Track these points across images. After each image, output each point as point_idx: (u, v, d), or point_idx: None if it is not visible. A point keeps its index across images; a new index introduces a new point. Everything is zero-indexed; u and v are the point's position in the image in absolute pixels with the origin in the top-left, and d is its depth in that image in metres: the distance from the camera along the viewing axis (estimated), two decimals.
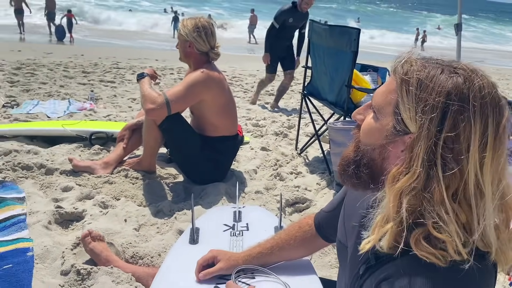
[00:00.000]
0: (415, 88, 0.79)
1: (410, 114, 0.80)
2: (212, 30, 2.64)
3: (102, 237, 2.01)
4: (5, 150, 2.96)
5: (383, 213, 0.85)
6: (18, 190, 2.49)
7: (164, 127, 2.56)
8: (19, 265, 1.87)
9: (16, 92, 6.11)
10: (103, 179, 2.69)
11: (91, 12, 21.94)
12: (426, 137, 0.78)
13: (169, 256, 1.68)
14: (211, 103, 2.63)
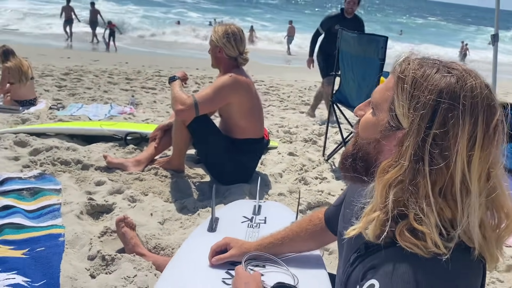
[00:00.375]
0: (410, 86, 0.84)
1: (403, 111, 0.84)
2: (241, 36, 2.75)
3: (134, 226, 2.14)
4: (47, 146, 3.18)
5: (372, 203, 0.90)
6: (55, 182, 2.67)
7: (192, 127, 2.68)
8: (50, 249, 2.02)
9: (63, 96, 6.48)
10: (134, 175, 2.83)
11: (139, 24, 22.76)
12: (415, 133, 0.82)
13: (187, 241, 1.77)
14: (238, 106, 2.72)
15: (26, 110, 5.29)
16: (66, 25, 15.97)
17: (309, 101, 7.39)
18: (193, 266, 1.56)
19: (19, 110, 5.22)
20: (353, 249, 1.02)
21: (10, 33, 16.12)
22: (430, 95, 0.81)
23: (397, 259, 0.85)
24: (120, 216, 2.12)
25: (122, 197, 2.55)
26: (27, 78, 5.62)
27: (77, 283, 1.82)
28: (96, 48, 15.42)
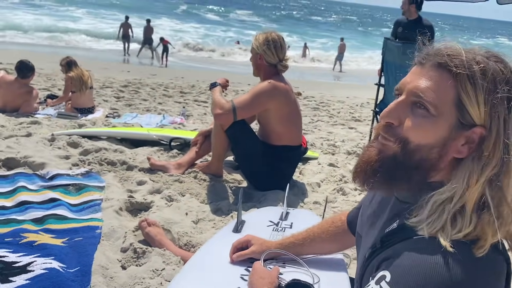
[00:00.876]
0: (480, 79, 0.82)
1: (478, 107, 0.83)
2: (281, 43, 2.78)
3: (157, 223, 2.20)
4: (96, 148, 3.35)
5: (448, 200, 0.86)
6: (100, 180, 2.81)
7: (230, 132, 2.73)
8: (87, 239, 2.11)
9: (120, 106, 6.82)
10: (174, 177, 2.92)
11: (200, 41, 23.55)
12: (501, 126, 0.83)
13: (211, 240, 1.80)
14: (275, 112, 2.75)
15: (84, 117, 5.62)
16: (124, 41, 16.93)
17: (359, 117, 7.27)
18: (214, 262, 1.58)
19: (77, 117, 5.55)
20: (370, 245, 1.00)
21: (77, 48, 17.24)
22: (506, 85, 0.82)
23: (413, 251, 0.83)
24: (141, 219, 2.22)
25: (161, 197, 2.63)
26: (86, 87, 5.98)
27: (108, 272, 1.89)
28: (152, 63, 16.09)
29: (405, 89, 0.90)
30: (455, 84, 0.84)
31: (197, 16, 36.78)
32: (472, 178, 0.83)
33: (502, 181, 0.83)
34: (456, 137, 0.85)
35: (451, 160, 0.88)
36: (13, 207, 2.41)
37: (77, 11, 28.79)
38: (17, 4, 28.92)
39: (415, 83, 0.88)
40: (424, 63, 0.88)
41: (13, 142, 3.37)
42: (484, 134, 0.84)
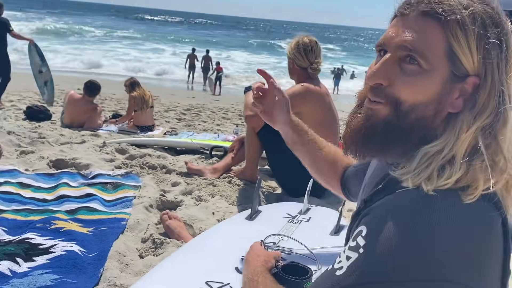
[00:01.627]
0: (472, 25, 0.75)
1: (471, 55, 0.76)
2: (312, 47, 2.74)
3: (178, 217, 2.20)
4: (141, 154, 3.48)
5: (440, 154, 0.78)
6: (137, 180, 2.89)
7: (262, 134, 2.71)
8: (111, 229, 2.16)
9: (180, 126, 7.07)
10: (208, 181, 2.93)
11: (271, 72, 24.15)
12: (495, 72, 0.76)
13: (221, 223, 1.77)
14: (308, 116, 2.68)
15: (143, 134, 5.89)
16: (190, 70, 17.94)
17: None
18: (217, 242, 1.55)
19: (137, 134, 5.83)
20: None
21: (149, 78, 18.34)
22: (496, 28, 0.76)
23: (391, 201, 0.77)
24: (163, 211, 2.25)
25: (191, 197, 2.64)
26: (148, 106, 6.28)
27: (124, 259, 1.91)
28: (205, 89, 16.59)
29: (390, 45, 0.81)
30: (444, 33, 0.76)
31: (270, 48, 37.70)
32: (463, 127, 0.76)
33: (497, 130, 0.76)
34: (450, 91, 0.78)
35: (446, 116, 0.80)
36: (52, 200, 2.55)
37: (161, 46, 31.00)
38: (115, 39, 31.91)
39: (401, 36, 0.79)
40: (407, 13, 0.80)
41: (66, 147, 3.60)
42: (478, 83, 0.77)
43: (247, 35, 54.12)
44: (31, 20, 38.42)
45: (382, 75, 0.81)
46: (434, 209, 0.71)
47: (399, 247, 0.71)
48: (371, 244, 0.73)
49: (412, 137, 0.81)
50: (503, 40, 0.77)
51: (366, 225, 0.76)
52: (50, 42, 25.48)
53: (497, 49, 0.76)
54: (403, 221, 0.72)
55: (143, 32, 39.22)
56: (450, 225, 0.70)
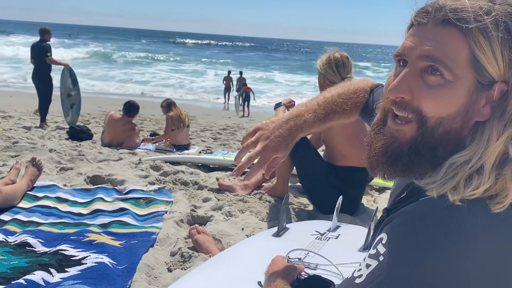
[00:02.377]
0: (494, 30, 0.72)
1: (496, 61, 0.73)
2: (344, 62, 2.72)
3: (207, 232, 2.21)
4: (175, 171, 3.54)
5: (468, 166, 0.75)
6: (169, 196, 2.93)
7: (292, 151, 2.68)
8: (141, 242, 2.19)
9: (215, 145, 7.15)
10: (239, 197, 2.94)
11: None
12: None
13: (247, 239, 1.76)
14: (339, 131, 2.65)
15: (179, 153, 5.99)
16: (226, 92, 18.37)
17: None
18: (241, 257, 1.54)
19: (173, 152, 5.94)
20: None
21: (187, 99, 18.78)
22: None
23: (414, 209, 0.75)
24: (192, 226, 2.25)
25: (221, 212, 2.65)
26: (184, 125, 6.42)
27: (153, 271, 1.93)
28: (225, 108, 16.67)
29: (410, 55, 0.78)
30: (467, 41, 0.73)
31: (308, 67, 37.79)
32: (493, 136, 0.73)
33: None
34: (476, 100, 0.75)
35: (473, 125, 0.77)
36: (87, 214, 2.62)
37: (200, 68, 31.80)
38: (157, 62, 33.34)
39: (421, 46, 0.76)
40: (426, 22, 0.77)
41: (104, 164, 3.71)
42: (506, 89, 0.74)
43: (284, 56, 54.53)
44: (78, 46, 40.50)
45: (404, 88, 0.78)
46: (460, 219, 0.69)
47: (421, 257, 0.68)
48: (392, 252, 0.71)
49: (440, 152, 0.78)
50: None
51: (387, 233, 0.75)
52: (99, 66, 26.77)
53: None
54: (425, 230, 0.70)
55: (183, 55, 40.39)
56: (477, 236, 0.68)
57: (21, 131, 6.50)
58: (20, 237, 2.16)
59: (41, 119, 7.88)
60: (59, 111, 8.54)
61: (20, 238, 2.14)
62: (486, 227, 0.69)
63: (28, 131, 6.55)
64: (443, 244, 0.68)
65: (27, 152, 3.79)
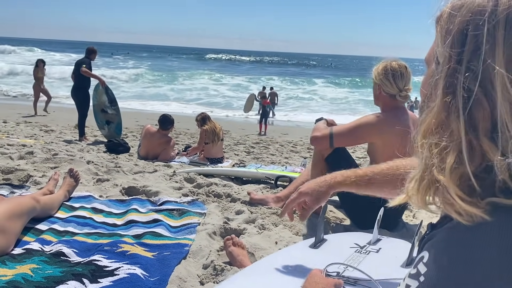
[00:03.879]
0: (445, 21, 0.71)
1: (440, 50, 0.72)
2: (402, 73, 2.58)
3: (242, 244, 2.16)
4: (208, 183, 3.52)
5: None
6: (202, 208, 2.91)
7: (330, 159, 2.62)
8: (174, 254, 2.17)
9: (248, 159, 7.14)
10: (272, 210, 2.88)
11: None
12: (446, 64, 0.69)
13: (284, 249, 1.70)
14: (382, 147, 2.55)
15: (213, 166, 6.01)
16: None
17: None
18: (276, 268, 1.49)
19: (207, 165, 5.96)
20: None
21: (222, 113, 18.97)
22: (459, 18, 0.68)
23: (462, 225, 0.68)
24: (227, 237, 2.19)
25: (254, 225, 2.60)
26: (218, 138, 6.45)
27: (185, 284, 1.90)
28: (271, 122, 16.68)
29: None
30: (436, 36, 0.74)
31: (350, 82, 37.44)
32: None
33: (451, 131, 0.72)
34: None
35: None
36: (122, 225, 2.63)
37: (243, 82, 32.25)
38: (199, 78, 34.01)
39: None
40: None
41: (139, 176, 3.75)
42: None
43: (322, 72, 54.38)
44: (118, 64, 41.73)
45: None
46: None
47: (466, 277, 0.62)
48: (433, 271, 0.65)
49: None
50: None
51: (428, 250, 0.69)
52: (147, 84, 27.46)
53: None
54: (471, 246, 0.63)
55: (222, 71, 40.83)
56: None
57: (62, 144, 6.71)
58: (55, 246, 2.18)
59: (80, 134, 8.12)
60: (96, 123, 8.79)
61: (55, 248, 2.16)
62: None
63: (68, 144, 6.75)
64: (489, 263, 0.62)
65: (66, 163, 3.88)
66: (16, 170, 3.47)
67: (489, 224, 0.63)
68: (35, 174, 3.44)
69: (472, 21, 0.66)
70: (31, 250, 2.11)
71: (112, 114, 8.25)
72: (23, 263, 1.98)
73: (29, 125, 9.60)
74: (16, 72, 27.97)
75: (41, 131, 8.84)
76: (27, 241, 2.25)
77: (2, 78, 25.97)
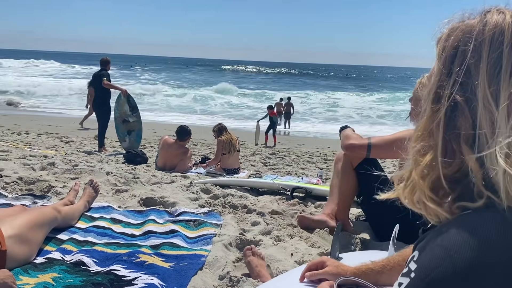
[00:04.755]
0: (442, 42, 0.79)
1: (436, 67, 0.80)
2: None
3: (261, 255, 2.17)
4: (224, 194, 3.56)
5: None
6: (218, 219, 2.94)
7: (361, 169, 2.57)
8: (191, 265, 2.20)
9: (264, 169, 7.16)
10: (288, 221, 2.89)
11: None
12: (436, 77, 0.77)
13: (299, 267, 1.71)
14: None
15: (229, 176, 6.05)
16: (286, 117, 18.86)
17: None
18: (291, 285, 1.51)
19: (223, 176, 6.00)
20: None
21: (239, 124, 19.08)
22: (454, 37, 0.77)
23: (448, 225, 0.73)
24: (247, 247, 2.20)
25: (270, 236, 2.62)
26: (235, 149, 6.50)
27: None
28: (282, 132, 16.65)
29: None
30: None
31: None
32: None
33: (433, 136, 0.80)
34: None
35: None
36: (140, 235, 2.68)
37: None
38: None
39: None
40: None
41: (156, 186, 3.81)
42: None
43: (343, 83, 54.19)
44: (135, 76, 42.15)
45: None
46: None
47: (453, 272, 0.66)
48: (422, 267, 0.70)
49: None
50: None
51: (418, 249, 0.74)
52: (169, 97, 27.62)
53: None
54: (458, 243, 0.67)
55: (237, 83, 40.90)
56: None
57: (82, 155, 6.84)
58: (75, 256, 2.23)
59: (99, 145, 8.27)
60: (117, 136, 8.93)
61: (75, 257, 2.21)
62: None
63: (88, 155, 6.88)
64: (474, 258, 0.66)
65: (86, 174, 3.97)
66: (38, 181, 3.57)
67: (464, 225, 0.68)
68: (56, 185, 3.53)
69: (462, 39, 0.74)
70: (52, 259, 2.17)
71: (133, 122, 8.38)
72: (44, 272, 2.04)
73: (50, 136, 9.82)
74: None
75: (61, 142, 9.03)
76: (49, 250, 2.31)
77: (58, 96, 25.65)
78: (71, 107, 20.33)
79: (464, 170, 0.71)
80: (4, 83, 27.41)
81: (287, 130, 17.79)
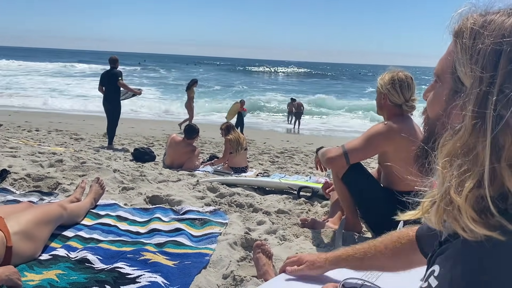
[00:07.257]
0: (468, 39, 0.72)
1: (465, 69, 0.72)
2: (408, 83, 2.60)
3: (271, 255, 2.15)
4: (231, 193, 3.55)
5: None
6: (224, 218, 2.94)
7: (346, 179, 2.59)
8: (195, 263, 2.20)
9: (272, 168, 7.13)
10: (293, 221, 2.88)
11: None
12: (476, 87, 0.68)
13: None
14: (394, 155, 2.53)
15: (236, 175, 6.04)
16: (289, 116, 18.92)
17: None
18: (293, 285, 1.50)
19: (231, 175, 6.00)
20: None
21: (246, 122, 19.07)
22: (491, 39, 0.68)
23: (470, 241, 0.69)
24: (258, 242, 2.17)
25: (275, 236, 2.61)
26: (242, 148, 6.48)
27: None
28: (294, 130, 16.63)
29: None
30: (453, 49, 0.76)
31: None
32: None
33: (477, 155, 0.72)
34: (453, 104, 0.75)
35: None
36: (145, 233, 2.68)
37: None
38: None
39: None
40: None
41: (163, 184, 3.81)
42: (464, 97, 0.72)
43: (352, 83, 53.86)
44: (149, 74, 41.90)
45: (425, 93, 0.91)
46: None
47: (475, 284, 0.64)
48: (444, 285, 0.67)
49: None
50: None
51: (439, 264, 0.71)
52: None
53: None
54: (480, 262, 0.65)
55: (250, 83, 40.53)
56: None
57: (90, 152, 6.88)
58: (80, 253, 2.24)
59: (109, 142, 8.32)
60: (126, 134, 8.97)
61: (80, 254, 2.22)
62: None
63: (96, 153, 6.92)
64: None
65: (93, 172, 3.99)
66: (46, 178, 3.59)
67: (503, 245, 0.63)
68: (63, 182, 3.55)
69: (506, 42, 0.66)
70: (57, 256, 2.18)
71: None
72: (49, 268, 2.05)
73: (60, 133, 9.89)
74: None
75: (71, 139, 9.10)
76: (54, 247, 2.32)
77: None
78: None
79: (503, 193, 0.64)
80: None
81: (297, 128, 17.78)
